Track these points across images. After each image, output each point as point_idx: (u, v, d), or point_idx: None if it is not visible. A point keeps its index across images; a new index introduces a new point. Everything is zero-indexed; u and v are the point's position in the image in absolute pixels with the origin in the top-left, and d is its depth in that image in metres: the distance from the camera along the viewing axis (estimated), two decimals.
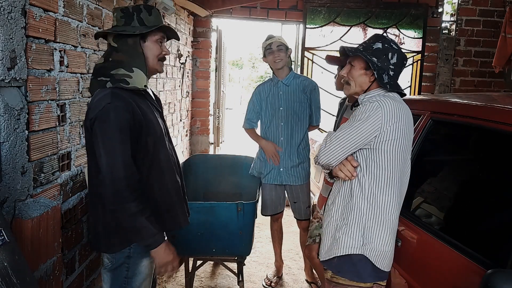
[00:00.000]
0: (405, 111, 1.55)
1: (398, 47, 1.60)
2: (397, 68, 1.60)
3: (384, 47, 1.58)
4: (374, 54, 1.57)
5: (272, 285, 3.00)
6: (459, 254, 1.41)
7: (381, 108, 1.49)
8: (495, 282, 1.07)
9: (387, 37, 1.64)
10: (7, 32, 1.35)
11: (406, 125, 1.53)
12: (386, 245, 1.55)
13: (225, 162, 3.26)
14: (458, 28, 4.78)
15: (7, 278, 1.13)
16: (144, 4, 1.55)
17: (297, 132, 2.81)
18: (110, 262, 1.56)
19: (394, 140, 1.51)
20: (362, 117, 1.52)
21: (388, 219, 1.55)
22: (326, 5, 4.62)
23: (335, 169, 1.60)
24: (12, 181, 1.42)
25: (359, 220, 1.55)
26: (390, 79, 1.58)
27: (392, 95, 1.59)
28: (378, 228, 1.54)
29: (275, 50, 2.71)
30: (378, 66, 1.56)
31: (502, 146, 1.52)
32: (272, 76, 2.87)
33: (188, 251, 2.49)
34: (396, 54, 1.58)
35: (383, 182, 1.54)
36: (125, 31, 1.48)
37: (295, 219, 3.01)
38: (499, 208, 1.47)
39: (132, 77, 1.48)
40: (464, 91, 4.83)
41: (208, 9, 4.36)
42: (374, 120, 1.49)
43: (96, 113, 1.40)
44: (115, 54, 1.50)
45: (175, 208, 1.64)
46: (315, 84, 2.87)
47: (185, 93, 4.49)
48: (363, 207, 1.55)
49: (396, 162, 1.53)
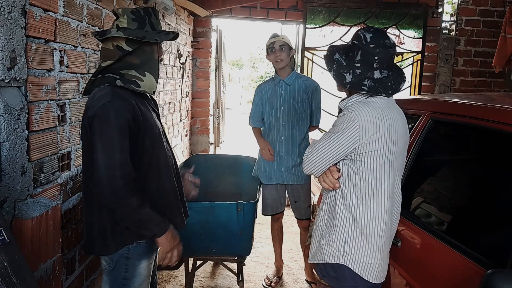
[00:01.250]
0: (388, 118, 1.48)
1: (366, 41, 1.49)
2: (363, 66, 1.50)
3: (352, 43, 1.55)
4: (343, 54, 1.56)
5: (272, 285, 3.00)
6: (459, 254, 1.41)
7: (358, 120, 1.44)
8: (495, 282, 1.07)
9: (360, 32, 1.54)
10: (7, 32, 1.35)
11: (388, 134, 1.47)
12: (370, 257, 1.52)
13: (225, 162, 3.27)
14: (458, 28, 4.78)
15: (7, 278, 1.13)
16: (151, 7, 1.55)
17: (298, 131, 2.81)
18: (107, 264, 1.55)
19: (375, 151, 1.46)
20: (340, 128, 1.48)
21: (372, 231, 1.51)
22: (326, 5, 4.62)
23: (319, 179, 1.59)
24: (12, 181, 1.42)
25: (341, 230, 1.53)
26: (354, 77, 1.51)
27: (374, 100, 1.51)
28: (361, 239, 1.51)
29: (277, 49, 2.71)
30: (338, 68, 1.54)
31: (502, 146, 1.52)
32: (274, 75, 2.87)
33: (188, 251, 2.49)
34: (361, 50, 1.50)
35: (365, 194, 1.50)
36: (145, 38, 1.46)
37: (296, 219, 3.02)
38: (499, 208, 1.47)
39: (143, 81, 1.48)
40: (464, 91, 4.83)
41: (208, 9, 4.36)
42: (351, 133, 1.45)
43: (95, 111, 1.38)
44: (129, 57, 1.48)
45: (172, 209, 1.63)
46: (317, 84, 2.87)
47: (185, 93, 4.49)
48: (345, 217, 1.53)
49: (380, 173, 1.49)
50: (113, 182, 1.35)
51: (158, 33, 1.50)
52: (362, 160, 1.48)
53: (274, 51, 2.72)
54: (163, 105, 3.61)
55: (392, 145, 1.49)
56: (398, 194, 1.60)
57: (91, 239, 1.53)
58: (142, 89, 1.47)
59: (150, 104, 1.62)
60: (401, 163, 1.59)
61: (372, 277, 1.53)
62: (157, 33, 1.50)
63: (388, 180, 1.51)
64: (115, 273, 1.55)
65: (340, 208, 1.54)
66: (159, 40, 1.48)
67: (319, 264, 1.61)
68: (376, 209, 1.50)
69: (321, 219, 1.63)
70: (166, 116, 3.73)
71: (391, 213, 1.55)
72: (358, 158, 1.48)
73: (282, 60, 2.72)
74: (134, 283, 1.56)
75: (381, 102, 1.52)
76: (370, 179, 1.49)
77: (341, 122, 1.49)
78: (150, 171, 1.54)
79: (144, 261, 1.57)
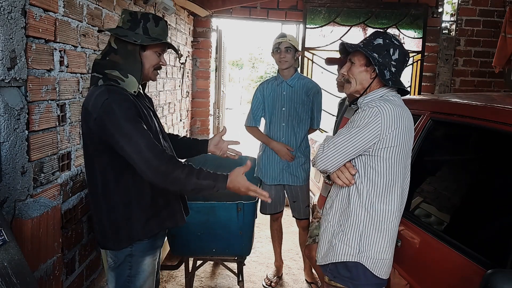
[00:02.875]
0: (406, 116, 1.51)
1: (399, 42, 1.56)
2: (399, 64, 1.55)
3: (385, 42, 1.53)
4: (375, 50, 1.53)
5: (272, 285, 3.00)
6: (459, 254, 1.41)
7: (381, 115, 1.45)
8: (495, 282, 1.07)
9: (389, 33, 1.59)
10: (7, 32, 1.35)
11: (406, 131, 1.50)
12: (384, 252, 1.53)
13: (225, 162, 3.25)
14: (458, 28, 4.78)
15: (7, 278, 1.13)
16: (154, 14, 1.56)
17: (299, 132, 2.82)
18: (113, 261, 1.58)
19: (393, 147, 1.47)
20: (360, 123, 1.48)
21: (386, 227, 1.52)
22: (326, 5, 4.62)
23: (333, 176, 1.57)
24: (12, 181, 1.42)
25: (356, 228, 1.53)
26: (392, 75, 1.53)
27: (393, 98, 1.54)
28: (376, 235, 1.52)
29: (282, 50, 2.72)
30: (379, 61, 1.51)
31: (502, 146, 1.52)
32: (277, 75, 2.87)
33: (188, 251, 2.49)
34: (398, 49, 1.53)
35: (382, 189, 1.51)
36: (127, 37, 1.48)
37: (295, 219, 3.02)
38: (499, 208, 1.47)
39: (125, 82, 1.50)
40: (464, 91, 4.83)
41: (208, 9, 4.36)
42: (373, 127, 1.46)
43: (98, 112, 1.41)
44: (113, 55, 1.51)
45: (172, 205, 1.65)
46: (319, 88, 2.87)
47: (185, 93, 4.49)
48: (360, 214, 1.52)
49: (395, 169, 1.50)
50: (150, 166, 1.39)
51: (147, 38, 1.51)
52: (380, 155, 1.49)
53: (279, 51, 2.73)
54: (163, 105, 3.61)
55: (407, 142, 1.52)
56: (406, 192, 1.61)
57: (103, 234, 1.56)
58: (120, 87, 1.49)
59: (145, 103, 1.63)
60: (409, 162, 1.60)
61: (382, 273, 1.55)
62: (146, 37, 1.51)
63: (400, 177, 1.53)
64: (120, 270, 1.57)
65: (355, 205, 1.54)
66: (139, 41, 1.48)
67: (329, 264, 1.60)
68: (391, 205, 1.52)
69: (332, 218, 1.62)
70: (166, 116, 3.73)
71: (401, 210, 1.58)
72: (376, 153, 1.49)
73: (286, 62, 2.72)
74: (139, 279, 1.58)
75: (399, 100, 1.56)
76: (387, 174, 1.50)
77: (361, 117, 1.49)
78: None
79: (148, 257, 1.60)
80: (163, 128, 1.72)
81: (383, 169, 1.50)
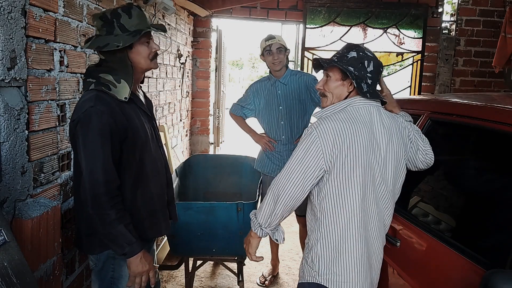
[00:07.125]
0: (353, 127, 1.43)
1: (372, 54, 1.53)
2: (374, 76, 1.51)
3: (359, 55, 1.50)
4: (349, 63, 1.50)
5: (266, 283, 3.01)
6: (459, 254, 1.41)
7: (319, 138, 1.41)
8: (495, 282, 1.07)
9: (361, 46, 1.56)
10: (7, 32, 1.35)
11: (357, 146, 1.42)
12: (344, 275, 1.46)
13: (225, 162, 3.27)
14: (458, 28, 4.79)
15: (7, 278, 1.13)
16: (122, 7, 1.48)
17: (299, 129, 2.81)
18: (94, 264, 1.56)
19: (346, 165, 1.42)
20: (301, 149, 1.44)
21: (343, 248, 1.45)
22: (326, 5, 4.62)
23: None
24: (12, 181, 1.42)
25: (315, 249, 1.50)
26: (369, 87, 1.50)
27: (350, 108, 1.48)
28: (333, 257, 1.47)
29: (274, 52, 2.71)
30: (356, 75, 1.48)
31: (502, 146, 1.52)
32: (269, 75, 2.86)
33: (188, 251, 2.49)
34: (372, 61, 1.51)
35: (330, 210, 1.46)
36: (109, 45, 1.42)
37: (295, 218, 3.02)
38: (498, 208, 1.47)
39: (116, 87, 1.45)
40: (464, 91, 4.84)
41: (208, 9, 4.36)
42: (314, 154, 1.41)
43: (78, 115, 1.38)
44: (106, 63, 1.48)
45: (157, 215, 1.61)
46: (313, 76, 2.85)
47: (185, 93, 4.49)
48: (316, 235, 1.51)
49: (343, 188, 1.44)
50: (95, 187, 1.34)
51: (127, 35, 1.44)
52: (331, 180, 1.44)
53: (271, 53, 2.72)
54: (163, 105, 3.61)
55: (362, 157, 1.44)
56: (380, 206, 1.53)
57: (79, 236, 1.55)
58: (111, 94, 1.44)
59: (141, 106, 1.59)
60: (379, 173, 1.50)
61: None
62: (126, 35, 1.45)
63: (356, 194, 1.45)
64: (103, 273, 1.55)
65: (312, 225, 1.54)
66: (121, 44, 1.42)
67: (303, 284, 1.56)
68: (345, 225, 1.46)
69: (306, 238, 1.62)
70: (166, 116, 3.74)
71: (364, 227, 1.49)
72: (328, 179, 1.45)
73: (280, 62, 2.72)
74: (121, 283, 1.55)
75: (358, 110, 1.49)
76: (333, 194, 1.45)
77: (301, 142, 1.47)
78: (138, 176, 1.52)
79: None
80: (158, 135, 1.69)
81: (329, 189, 1.45)
